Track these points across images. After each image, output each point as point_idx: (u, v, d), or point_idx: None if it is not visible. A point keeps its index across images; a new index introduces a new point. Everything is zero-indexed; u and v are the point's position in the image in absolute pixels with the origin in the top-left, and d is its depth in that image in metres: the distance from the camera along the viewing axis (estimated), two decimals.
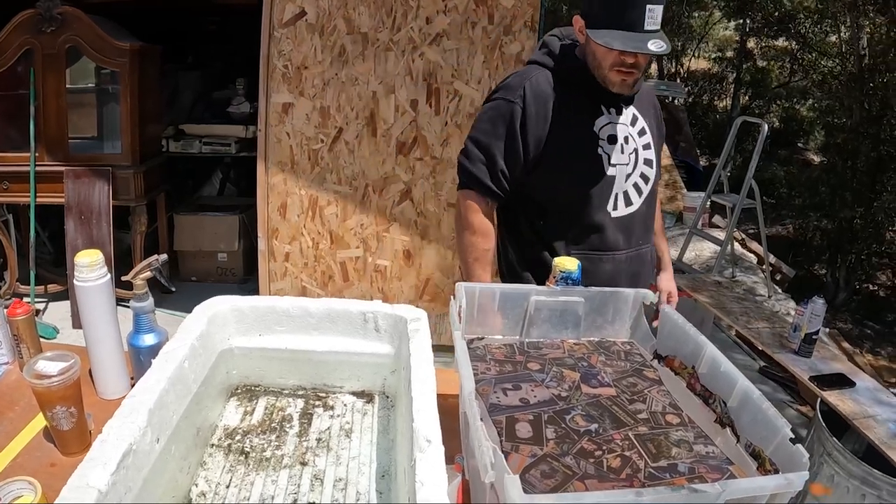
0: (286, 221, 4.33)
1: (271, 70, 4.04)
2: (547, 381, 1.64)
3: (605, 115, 2.30)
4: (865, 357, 6.04)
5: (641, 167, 2.37)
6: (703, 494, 1.09)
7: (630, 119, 2.35)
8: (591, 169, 2.30)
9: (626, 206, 2.36)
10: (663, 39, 2.08)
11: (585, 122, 2.29)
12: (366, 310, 1.70)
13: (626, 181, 2.34)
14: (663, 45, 2.06)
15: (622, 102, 2.33)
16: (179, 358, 1.41)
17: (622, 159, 2.32)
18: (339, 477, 1.48)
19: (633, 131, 2.35)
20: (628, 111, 2.35)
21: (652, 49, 2.06)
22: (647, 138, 2.39)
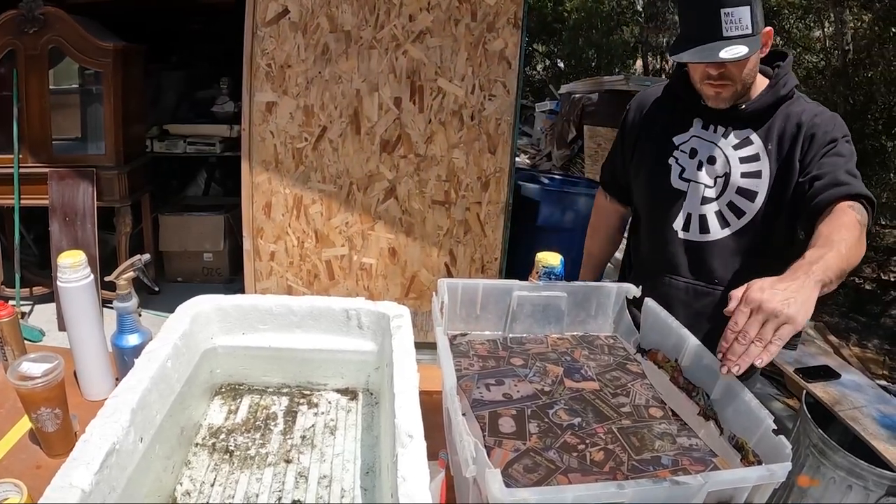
0: (271, 221, 4.32)
1: (254, 69, 4.03)
2: (530, 376, 1.65)
3: (696, 128, 2.17)
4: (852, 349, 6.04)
5: (732, 195, 2.10)
6: (685, 486, 1.10)
7: (736, 141, 2.11)
8: (657, 178, 2.23)
9: (701, 233, 2.16)
10: (748, 44, 1.88)
11: (668, 131, 2.23)
12: (349, 307, 1.71)
13: (703, 203, 2.15)
14: (741, 51, 1.87)
15: (731, 120, 2.11)
16: (162, 357, 1.41)
17: (701, 177, 2.14)
18: (324, 474, 1.48)
19: (732, 154, 2.11)
20: (738, 132, 2.11)
21: (723, 56, 1.88)
22: (753, 166, 2.08)
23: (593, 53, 19.28)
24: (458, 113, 4.24)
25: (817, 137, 2.00)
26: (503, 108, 4.27)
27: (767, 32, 1.97)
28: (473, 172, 4.37)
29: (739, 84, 2.01)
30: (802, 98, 2.12)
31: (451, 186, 4.38)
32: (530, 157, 13.24)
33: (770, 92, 2.08)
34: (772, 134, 2.08)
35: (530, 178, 5.64)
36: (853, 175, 1.89)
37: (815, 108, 2.08)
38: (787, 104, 2.09)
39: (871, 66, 8.26)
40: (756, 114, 2.09)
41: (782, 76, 2.09)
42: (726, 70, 1.96)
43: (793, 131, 2.05)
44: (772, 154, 2.07)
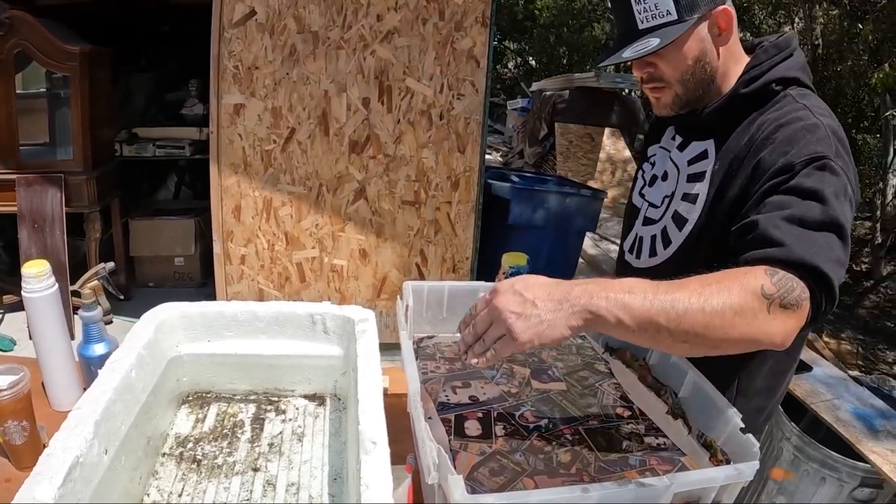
0: (241, 224, 4.30)
1: (222, 71, 4.01)
2: (497, 377, 1.65)
3: (665, 138, 1.84)
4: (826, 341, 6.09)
5: (668, 220, 1.75)
6: (651, 488, 1.10)
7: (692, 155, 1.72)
8: (631, 191, 1.98)
9: (637, 257, 1.86)
10: (664, 34, 1.53)
11: (650, 138, 1.96)
12: (314, 311, 1.70)
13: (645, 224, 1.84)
14: (648, 44, 1.54)
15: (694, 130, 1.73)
16: (126, 367, 1.40)
17: (650, 195, 1.85)
18: (292, 481, 1.48)
19: (684, 170, 1.73)
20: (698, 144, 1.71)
21: (625, 55, 1.58)
22: (694, 188, 1.68)
23: (564, 51, 19.32)
24: (427, 112, 4.24)
25: (764, 161, 1.48)
26: (472, 107, 4.28)
27: (719, 12, 1.56)
28: (443, 172, 4.37)
29: (678, 86, 1.64)
30: (791, 97, 1.58)
31: (420, 186, 4.38)
32: (502, 155, 13.27)
33: (730, 91, 1.64)
34: (727, 149, 1.62)
35: (500, 177, 5.65)
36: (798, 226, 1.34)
37: (791, 115, 1.52)
38: (762, 109, 1.60)
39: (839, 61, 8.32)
40: (717, 120, 1.66)
41: (750, 68, 1.63)
42: (655, 70, 1.63)
43: (747, 150, 1.56)
44: (716, 175, 1.62)
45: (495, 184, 5.02)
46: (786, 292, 1.26)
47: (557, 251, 5.19)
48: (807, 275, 1.28)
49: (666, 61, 1.60)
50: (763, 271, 1.27)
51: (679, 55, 1.58)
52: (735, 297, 1.23)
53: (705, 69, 1.61)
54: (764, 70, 1.60)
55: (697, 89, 1.64)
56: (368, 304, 4.42)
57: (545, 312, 1.21)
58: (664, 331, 1.22)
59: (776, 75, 1.59)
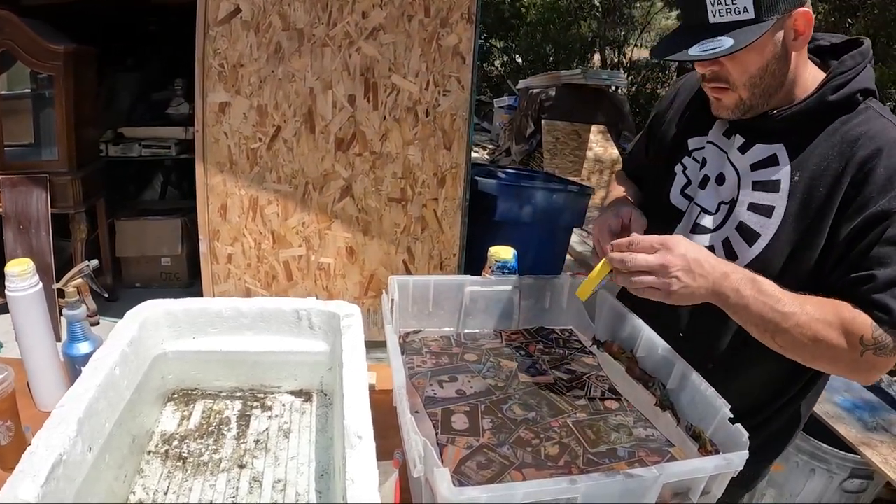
0: (227, 223, 4.28)
1: (207, 69, 3.99)
2: (484, 371, 1.65)
3: (715, 132, 1.69)
4: None
5: (730, 231, 1.61)
6: (639, 479, 1.10)
7: (758, 159, 1.58)
8: (658, 185, 1.83)
9: None
10: (739, 35, 1.39)
11: (687, 129, 1.78)
12: (299, 307, 1.69)
13: (694, 232, 1.67)
14: (719, 45, 1.40)
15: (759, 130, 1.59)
16: (109, 365, 1.38)
17: (702, 198, 1.68)
18: (278, 478, 1.46)
19: (747, 175, 1.59)
20: (765, 147, 1.58)
21: (692, 53, 1.43)
22: (766, 198, 1.55)
23: (551, 49, 19.32)
24: (413, 109, 4.23)
25: (865, 195, 1.41)
26: (458, 104, 4.27)
27: (800, 14, 1.42)
28: (429, 169, 4.36)
29: (744, 91, 1.51)
30: (874, 110, 1.50)
31: (407, 183, 4.37)
32: (489, 153, 13.27)
33: (815, 96, 1.50)
34: (808, 159, 1.51)
35: (487, 173, 5.64)
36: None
37: (885, 136, 1.44)
38: (844, 118, 1.50)
39: None
40: (792, 125, 1.53)
41: (839, 74, 1.50)
42: (720, 70, 1.50)
43: (838, 166, 1.46)
44: (797, 188, 1.51)
45: (482, 180, 5.01)
46: (882, 346, 1.36)
47: (545, 247, 5.18)
48: None
49: (736, 63, 1.47)
50: (869, 322, 1.35)
51: (751, 58, 1.46)
52: (834, 333, 1.36)
53: (775, 75, 1.50)
54: (851, 77, 1.50)
55: (764, 96, 1.52)
56: (356, 302, 4.38)
57: (696, 285, 1.38)
58: (769, 333, 1.41)
59: (861, 85, 1.50)
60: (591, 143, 10.19)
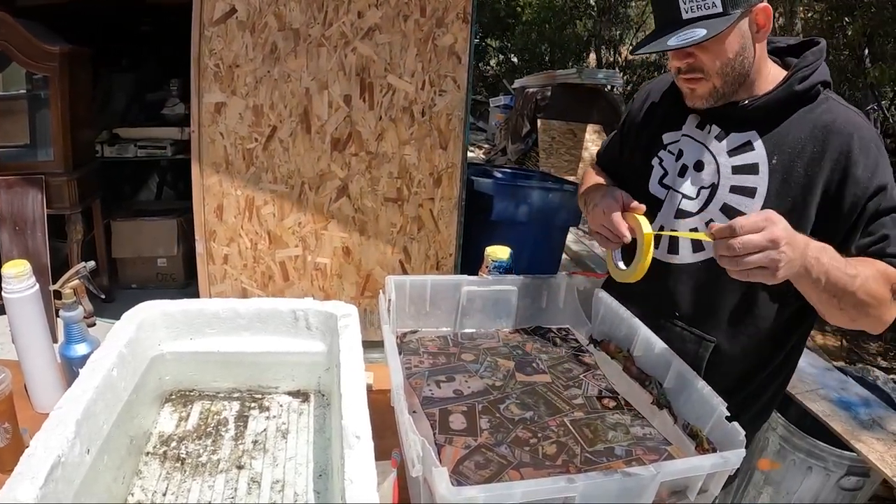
0: (223, 223, 4.28)
1: (202, 69, 3.98)
2: (481, 371, 1.65)
3: (688, 126, 1.84)
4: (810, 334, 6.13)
5: (715, 213, 1.75)
6: (637, 478, 1.10)
7: (733, 146, 1.74)
8: (637, 179, 1.94)
9: (669, 252, 1.83)
10: (710, 25, 1.56)
11: (661, 126, 1.92)
12: (296, 308, 1.69)
13: (679, 217, 1.81)
14: (695, 34, 1.56)
15: (732, 120, 1.75)
16: (107, 366, 1.38)
17: (682, 186, 1.81)
18: (277, 479, 1.47)
19: (725, 161, 1.74)
20: (738, 135, 1.74)
21: (670, 43, 1.58)
22: (748, 180, 1.71)
23: (547, 48, 19.35)
24: (409, 109, 4.23)
25: (856, 177, 1.60)
26: (454, 104, 4.27)
27: (760, 9, 1.60)
28: (425, 168, 4.36)
29: (717, 79, 1.66)
30: (834, 100, 1.70)
31: (403, 183, 4.37)
32: (485, 152, 13.29)
33: (783, 87, 1.68)
34: (782, 143, 1.69)
35: (483, 173, 5.64)
36: None
37: (852, 122, 1.64)
38: (809, 107, 1.69)
39: None
40: (763, 114, 1.70)
41: (803, 67, 1.68)
42: (695, 60, 1.65)
43: (813, 146, 1.65)
44: (776, 170, 1.68)
45: (478, 180, 5.01)
46: None
47: (541, 246, 5.19)
48: None
49: (708, 53, 1.63)
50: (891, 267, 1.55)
51: (722, 48, 1.61)
52: (881, 287, 1.53)
53: (744, 64, 1.66)
54: (813, 70, 1.68)
55: (735, 83, 1.68)
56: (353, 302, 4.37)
57: (795, 256, 1.39)
58: (838, 297, 1.50)
59: (821, 77, 1.68)
60: (587, 143, 10.20)
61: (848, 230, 1.62)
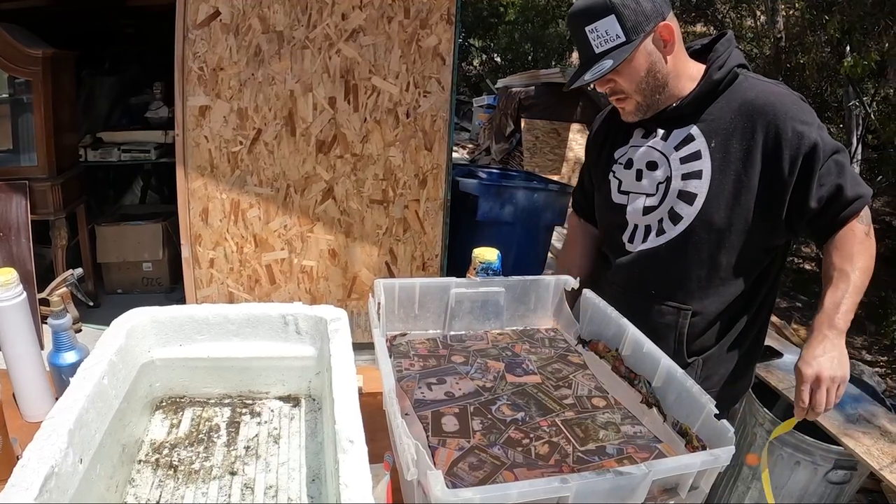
0: (209, 227, 4.26)
1: (187, 72, 3.97)
2: (471, 373, 1.65)
3: (636, 138, 2.07)
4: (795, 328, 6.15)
5: (673, 201, 1.95)
6: (629, 476, 1.11)
7: (677, 141, 1.96)
8: (603, 195, 2.17)
9: (643, 243, 2.03)
10: (615, 55, 1.82)
11: (612, 147, 2.16)
12: (286, 312, 1.69)
13: (646, 214, 2.02)
14: (603, 66, 1.82)
15: (670, 121, 1.98)
16: (98, 374, 1.38)
17: (640, 187, 2.03)
18: (270, 484, 1.47)
19: (673, 156, 1.96)
20: (679, 131, 1.96)
21: (587, 78, 1.87)
22: (694, 166, 1.92)
23: (529, 47, 19.36)
24: (394, 111, 4.23)
25: (786, 137, 1.81)
26: (438, 105, 4.27)
27: (662, 27, 1.83)
28: (410, 170, 4.36)
29: (638, 95, 1.93)
30: (750, 77, 1.94)
31: (388, 185, 4.37)
32: (469, 152, 13.29)
33: (705, 79, 1.91)
34: (716, 127, 1.90)
35: (468, 174, 5.65)
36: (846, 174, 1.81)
37: (768, 90, 1.88)
38: (731, 89, 1.92)
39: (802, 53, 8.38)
40: (695, 106, 1.93)
41: (715, 59, 1.92)
42: (615, 84, 1.93)
43: (743, 123, 1.87)
44: (716, 150, 1.89)
45: (463, 181, 5.01)
46: (867, 219, 1.85)
47: (526, 246, 5.19)
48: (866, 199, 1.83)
49: (622, 76, 1.89)
50: (857, 221, 1.82)
51: (632, 69, 1.88)
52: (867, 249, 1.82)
53: (657, 77, 1.91)
54: (726, 58, 1.92)
55: (654, 94, 1.94)
56: (339, 305, 4.37)
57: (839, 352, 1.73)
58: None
59: (735, 61, 1.92)
60: (571, 142, 10.22)
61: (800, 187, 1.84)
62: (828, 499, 3.14)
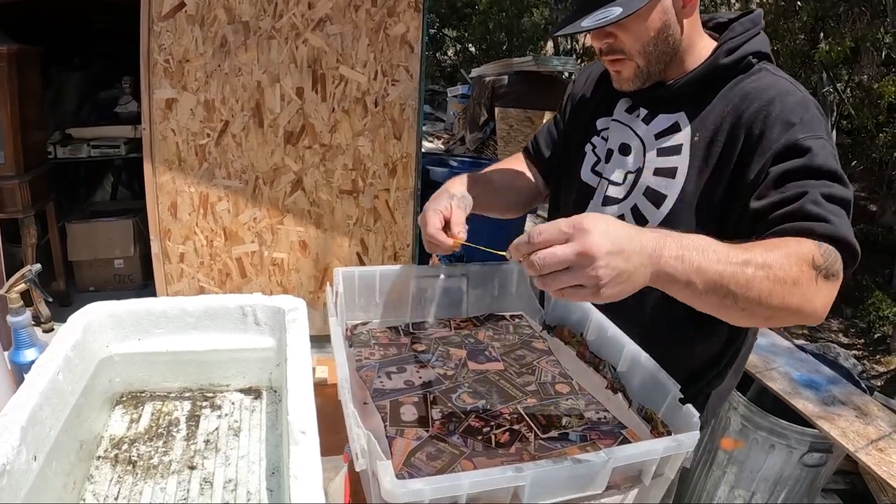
0: (178, 221, 4.24)
1: (152, 65, 3.94)
2: (432, 361, 1.64)
3: (618, 111, 1.77)
4: None
5: (638, 198, 1.67)
6: (587, 464, 1.09)
7: (661, 128, 1.66)
8: (570, 165, 1.89)
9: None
10: (626, 5, 1.46)
11: (595, 112, 1.85)
12: (244, 303, 1.67)
13: (606, 204, 1.73)
14: (609, 14, 1.46)
15: (661, 102, 1.67)
16: (52, 370, 1.36)
17: (608, 172, 1.75)
18: (229, 478, 1.45)
19: (652, 144, 1.67)
20: (668, 116, 1.66)
21: (584, 25, 1.49)
22: (670, 161, 1.62)
23: (504, 37, 19.34)
24: (362, 100, 4.21)
25: (768, 138, 1.46)
26: (407, 93, 4.26)
27: None
28: (380, 159, 4.35)
29: (640, 58, 1.58)
30: (768, 71, 1.58)
31: (358, 175, 4.36)
32: (444, 142, 13.28)
33: (708, 61, 1.59)
34: (706, 120, 1.59)
35: (438, 162, 5.66)
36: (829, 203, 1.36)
37: (777, 87, 1.51)
38: (737, 80, 1.58)
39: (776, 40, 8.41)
40: (691, 91, 1.62)
41: (729, 39, 1.59)
42: (615, 41, 1.56)
43: (732, 119, 1.54)
44: (697, 147, 1.58)
45: (434, 169, 5.03)
46: (830, 264, 1.29)
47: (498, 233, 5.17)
48: (842, 249, 1.32)
49: (628, 32, 1.54)
50: (812, 243, 1.29)
51: (642, 26, 1.52)
52: (794, 267, 1.24)
53: (668, 41, 1.57)
54: (743, 41, 1.58)
55: (660, 62, 1.60)
56: (311, 297, 4.40)
57: (629, 266, 1.08)
58: (731, 296, 1.20)
59: (753, 48, 1.58)
60: None
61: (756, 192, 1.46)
62: (804, 482, 3.15)
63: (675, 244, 1.16)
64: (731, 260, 1.19)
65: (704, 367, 1.78)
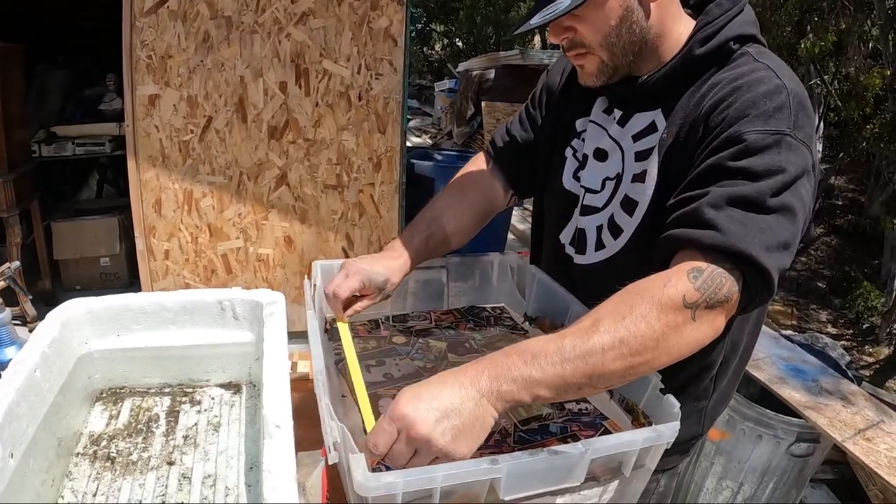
0: (162, 218, 4.22)
1: (135, 61, 3.92)
2: (412, 353, 1.63)
3: (596, 111, 1.64)
4: None
5: (616, 207, 1.54)
6: (564, 456, 1.08)
7: (638, 129, 1.52)
8: (550, 171, 1.77)
9: (577, 252, 1.65)
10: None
11: (574, 111, 1.71)
12: (222, 298, 1.66)
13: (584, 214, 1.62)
14: (557, 6, 1.32)
15: (636, 100, 1.52)
16: (30, 367, 1.35)
17: (585, 178, 1.63)
18: (208, 473, 1.44)
19: (629, 147, 1.52)
20: (644, 116, 1.51)
21: (534, 21, 1.36)
22: (643, 166, 1.48)
23: (491, 31, 19.36)
24: (346, 94, 4.20)
25: (715, 125, 1.32)
26: (391, 87, 4.24)
27: None
28: (364, 153, 4.34)
29: (602, 51, 1.42)
30: (750, 56, 1.40)
31: (342, 169, 4.34)
32: (432, 137, 13.28)
33: (682, 53, 1.43)
34: (675, 117, 1.43)
35: (423, 156, 5.64)
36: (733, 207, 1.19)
37: (751, 75, 1.34)
38: (714, 70, 1.42)
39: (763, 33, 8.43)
40: (665, 87, 1.46)
41: (703, 26, 1.42)
42: (574, 36, 1.42)
43: (696, 114, 1.38)
44: (664, 145, 1.44)
45: (419, 163, 5.01)
46: (712, 293, 1.15)
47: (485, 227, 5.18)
48: (739, 263, 1.17)
49: (585, 23, 1.38)
50: (685, 276, 1.15)
51: (600, 15, 1.36)
52: (655, 323, 1.11)
53: (633, 30, 1.39)
54: (720, 26, 1.40)
55: (626, 54, 1.43)
56: (297, 292, 4.39)
57: (464, 418, 1.05)
58: (587, 387, 1.12)
59: (733, 32, 1.40)
60: None
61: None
62: (792, 472, 3.16)
63: (503, 368, 1.10)
64: (574, 354, 1.09)
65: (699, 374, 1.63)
